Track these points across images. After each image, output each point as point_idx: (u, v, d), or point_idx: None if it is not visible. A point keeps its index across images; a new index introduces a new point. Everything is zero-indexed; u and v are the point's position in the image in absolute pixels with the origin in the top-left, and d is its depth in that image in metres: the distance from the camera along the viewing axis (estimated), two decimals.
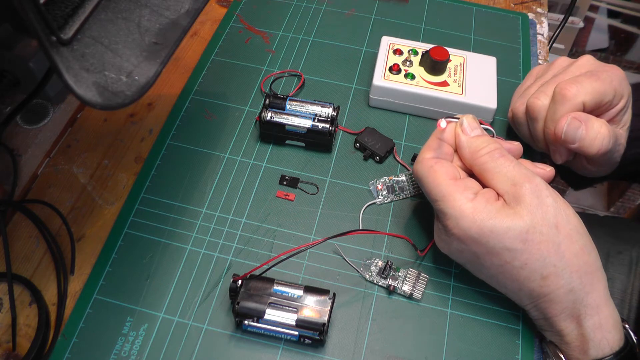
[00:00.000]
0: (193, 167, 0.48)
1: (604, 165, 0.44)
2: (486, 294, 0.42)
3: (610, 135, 0.40)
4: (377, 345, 0.39)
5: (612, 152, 0.42)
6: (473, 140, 0.39)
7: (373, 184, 0.47)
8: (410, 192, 0.47)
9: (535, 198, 0.35)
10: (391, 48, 0.54)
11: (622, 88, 0.42)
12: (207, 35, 0.59)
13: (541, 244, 0.34)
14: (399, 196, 0.46)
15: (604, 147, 0.40)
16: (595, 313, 0.35)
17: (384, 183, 0.47)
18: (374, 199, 0.46)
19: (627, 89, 0.42)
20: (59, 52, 0.27)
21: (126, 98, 0.29)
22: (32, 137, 0.50)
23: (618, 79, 0.41)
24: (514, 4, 0.65)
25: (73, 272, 0.42)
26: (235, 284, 0.38)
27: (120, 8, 0.31)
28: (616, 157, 0.44)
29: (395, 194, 0.46)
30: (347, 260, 0.43)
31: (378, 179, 0.47)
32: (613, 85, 0.41)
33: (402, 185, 0.47)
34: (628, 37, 1.58)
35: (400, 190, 0.47)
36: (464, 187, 0.36)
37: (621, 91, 0.42)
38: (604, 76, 0.41)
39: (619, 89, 0.41)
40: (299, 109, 0.49)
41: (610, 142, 0.40)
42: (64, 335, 0.39)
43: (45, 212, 0.45)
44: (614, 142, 0.41)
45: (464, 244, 0.36)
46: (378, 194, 0.46)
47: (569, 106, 0.41)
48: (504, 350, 0.39)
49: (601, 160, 0.43)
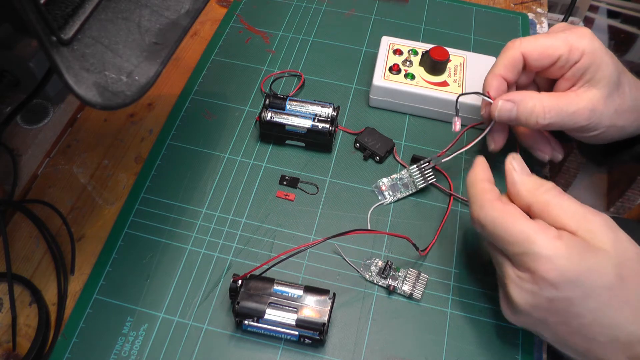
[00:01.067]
0: (193, 167, 0.48)
1: (600, 134, 0.41)
2: (486, 294, 0.42)
3: (546, 110, 0.39)
4: (377, 345, 0.39)
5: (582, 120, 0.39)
6: (529, 179, 0.36)
7: (376, 186, 0.47)
8: (416, 187, 0.46)
9: (611, 232, 0.32)
10: (391, 48, 0.54)
11: (582, 44, 0.39)
12: (207, 35, 0.59)
13: (636, 278, 0.31)
14: (404, 193, 0.46)
15: (541, 122, 0.39)
16: None
17: (387, 183, 0.47)
18: (379, 200, 0.46)
19: (592, 46, 0.39)
20: (59, 52, 0.27)
21: (126, 98, 0.29)
22: (32, 137, 0.50)
23: (577, 35, 0.39)
24: (514, 4, 0.65)
25: (73, 272, 0.42)
26: (235, 284, 0.38)
27: (121, 8, 0.31)
28: (593, 127, 0.40)
29: (400, 192, 0.46)
30: (347, 260, 0.43)
31: (380, 180, 0.47)
32: (568, 41, 0.39)
33: (405, 182, 0.47)
34: (628, 37, 1.58)
35: (404, 187, 0.47)
36: (544, 225, 0.33)
37: (580, 47, 0.39)
38: (559, 33, 0.40)
39: (577, 45, 0.39)
40: (299, 109, 0.49)
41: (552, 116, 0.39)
42: (64, 335, 0.39)
43: (45, 212, 0.45)
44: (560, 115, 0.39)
45: (558, 289, 0.31)
46: (383, 195, 0.46)
47: (507, 54, 0.41)
48: (504, 350, 0.39)
49: (583, 132, 0.41)
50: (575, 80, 0.40)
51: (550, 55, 0.40)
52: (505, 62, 0.41)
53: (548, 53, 0.40)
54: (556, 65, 0.40)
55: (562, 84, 0.41)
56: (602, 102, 0.39)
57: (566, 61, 0.39)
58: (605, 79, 0.39)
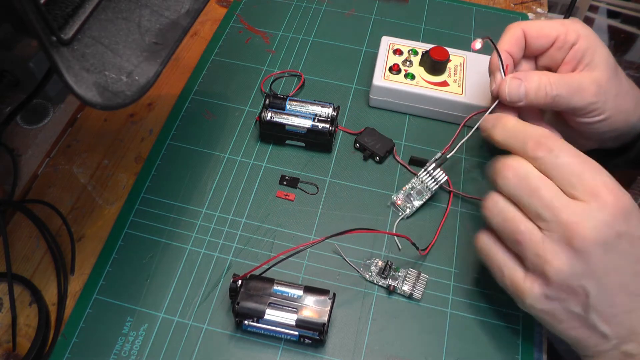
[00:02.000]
0: (193, 167, 0.48)
1: (597, 129, 0.42)
2: (486, 294, 0.42)
3: (552, 83, 0.39)
4: (377, 345, 0.39)
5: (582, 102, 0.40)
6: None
7: (392, 202, 0.46)
8: (430, 191, 0.45)
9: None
10: (391, 48, 0.54)
11: (577, 28, 0.41)
12: (207, 35, 0.59)
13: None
14: (421, 200, 0.45)
15: (550, 94, 0.39)
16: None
17: (402, 196, 0.46)
18: (399, 216, 0.45)
19: (586, 30, 0.41)
20: (59, 52, 0.27)
21: (126, 98, 0.29)
22: (32, 137, 0.50)
23: (570, 20, 0.41)
24: (514, 4, 0.65)
25: (73, 272, 0.42)
26: (235, 284, 0.38)
27: (121, 8, 0.31)
28: (600, 110, 0.41)
29: (416, 200, 0.45)
30: (347, 260, 0.43)
31: (394, 195, 0.46)
32: (564, 23, 0.41)
33: (418, 189, 0.45)
34: (628, 37, 1.58)
35: (418, 194, 0.45)
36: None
37: (576, 29, 0.41)
38: (554, 19, 0.42)
39: (572, 27, 0.41)
40: (299, 109, 0.49)
41: (560, 88, 0.39)
42: (64, 335, 0.39)
43: (45, 212, 0.45)
44: (568, 89, 0.40)
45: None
46: (402, 209, 0.45)
47: (510, 32, 0.41)
48: (504, 350, 0.39)
49: (591, 114, 0.41)
50: (575, 64, 0.41)
51: (548, 35, 0.41)
52: (509, 38, 0.42)
53: (545, 32, 0.41)
54: (555, 46, 0.41)
55: (563, 69, 0.42)
56: (605, 81, 0.40)
57: (564, 42, 0.41)
58: (604, 62, 0.40)
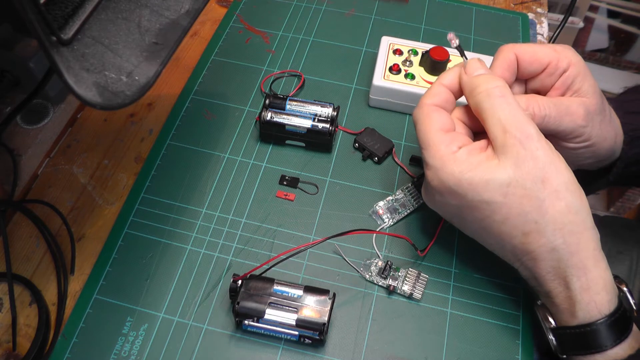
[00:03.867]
0: (193, 167, 0.48)
1: (580, 154, 0.42)
2: (486, 294, 0.42)
3: (541, 104, 0.39)
4: (377, 345, 0.39)
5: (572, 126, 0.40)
6: (474, 79, 0.37)
7: (373, 211, 0.46)
8: (413, 206, 0.46)
9: (523, 149, 0.33)
10: (391, 48, 0.54)
11: (568, 55, 0.41)
12: (207, 35, 0.59)
13: (523, 199, 0.33)
14: (403, 213, 0.45)
15: (539, 114, 0.39)
16: (583, 274, 0.33)
17: (383, 206, 0.46)
18: (378, 225, 0.45)
19: (577, 57, 0.41)
20: (59, 52, 0.27)
21: (126, 98, 0.29)
22: (32, 137, 0.50)
23: (562, 47, 0.41)
24: (514, 4, 0.65)
25: (73, 272, 0.42)
26: (235, 284, 0.38)
27: (121, 8, 0.31)
28: (587, 136, 0.41)
29: (398, 212, 0.45)
30: (347, 260, 0.43)
31: (376, 204, 0.46)
32: (556, 49, 0.40)
33: (402, 202, 0.46)
34: (628, 37, 1.58)
35: (402, 207, 0.46)
36: (451, 139, 0.36)
37: (568, 56, 0.40)
38: (545, 44, 0.41)
39: (564, 54, 0.40)
40: (299, 109, 0.49)
41: (548, 109, 0.39)
42: (64, 335, 0.39)
43: (45, 212, 0.45)
44: (557, 111, 0.39)
45: (443, 196, 0.36)
46: (382, 219, 0.45)
47: (502, 56, 0.41)
48: (504, 350, 0.39)
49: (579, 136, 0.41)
50: (564, 90, 0.41)
51: (540, 60, 0.40)
52: (502, 62, 0.41)
53: (538, 57, 0.40)
54: (546, 71, 0.41)
55: (552, 94, 0.42)
56: (594, 108, 0.40)
57: (555, 68, 0.40)
58: (593, 90, 0.40)
